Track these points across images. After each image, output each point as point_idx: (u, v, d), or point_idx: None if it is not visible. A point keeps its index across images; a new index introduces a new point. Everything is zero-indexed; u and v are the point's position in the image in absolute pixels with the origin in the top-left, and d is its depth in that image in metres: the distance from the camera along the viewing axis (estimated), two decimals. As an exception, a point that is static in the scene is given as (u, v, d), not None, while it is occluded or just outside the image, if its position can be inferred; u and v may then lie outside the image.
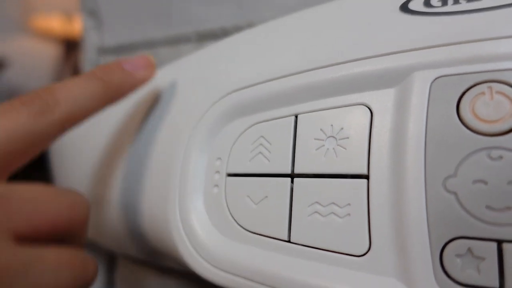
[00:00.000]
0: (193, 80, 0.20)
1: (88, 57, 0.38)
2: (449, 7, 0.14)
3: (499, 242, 0.12)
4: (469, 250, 0.12)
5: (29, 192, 0.15)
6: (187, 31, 0.29)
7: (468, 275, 0.12)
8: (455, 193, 0.13)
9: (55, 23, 1.58)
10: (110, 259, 0.41)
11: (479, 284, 0.12)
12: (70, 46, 1.67)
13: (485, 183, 0.12)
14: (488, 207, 0.12)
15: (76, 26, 1.60)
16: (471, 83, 0.13)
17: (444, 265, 0.12)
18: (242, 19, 0.27)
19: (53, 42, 1.72)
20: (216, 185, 0.18)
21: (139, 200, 0.22)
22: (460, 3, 0.14)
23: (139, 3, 0.33)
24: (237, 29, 0.27)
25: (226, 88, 0.19)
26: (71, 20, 1.57)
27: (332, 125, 0.16)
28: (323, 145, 0.16)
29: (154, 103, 0.23)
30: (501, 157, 0.12)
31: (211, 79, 0.20)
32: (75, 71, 1.67)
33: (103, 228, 0.27)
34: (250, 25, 0.26)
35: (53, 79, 1.67)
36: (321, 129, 0.16)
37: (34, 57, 1.72)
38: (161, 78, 0.23)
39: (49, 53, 1.74)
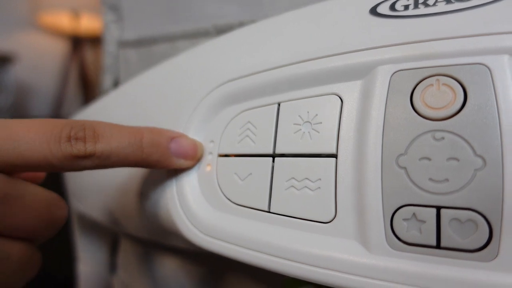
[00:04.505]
0: (191, 72, 0.23)
1: (108, 50, 0.39)
2: (410, 11, 0.17)
3: (438, 208, 0.14)
4: (414, 215, 0.14)
5: (28, 198, 0.18)
6: (205, 25, 0.31)
7: (412, 236, 0.14)
8: (405, 168, 0.15)
9: (63, 20, 1.61)
10: (113, 244, 0.43)
11: (420, 242, 0.14)
12: (77, 43, 1.71)
13: (429, 159, 0.15)
14: (430, 179, 0.14)
15: (84, 23, 1.63)
16: (423, 76, 0.15)
17: (394, 228, 0.15)
18: (259, 12, 0.28)
19: (61, 38, 1.75)
20: (209, 164, 0.21)
21: (142, 180, 0.24)
22: (419, 7, 0.17)
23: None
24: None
25: (220, 79, 0.21)
26: (78, 17, 1.60)
27: (308, 112, 0.18)
28: (300, 129, 0.18)
29: (155, 91, 0.25)
30: (443, 138, 0.14)
31: (207, 71, 0.22)
32: (81, 67, 1.70)
33: (110, 210, 0.30)
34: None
35: (59, 74, 1.70)
36: (299, 115, 0.18)
37: (41, 52, 1.75)
38: (162, 70, 0.25)
39: (56, 49, 1.77)
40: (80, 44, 1.71)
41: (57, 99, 1.68)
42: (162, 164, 0.20)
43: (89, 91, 1.70)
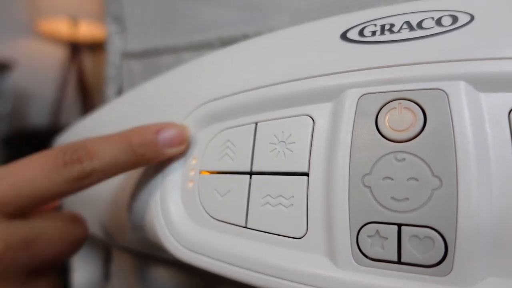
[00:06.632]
0: (173, 93, 0.24)
1: (111, 61, 0.40)
2: (377, 37, 0.18)
3: (399, 226, 0.15)
4: (377, 232, 0.15)
5: (46, 232, 0.19)
6: (209, 37, 0.31)
7: (375, 251, 0.15)
8: (370, 187, 0.16)
9: (61, 27, 1.63)
10: (107, 253, 0.44)
11: (383, 258, 0.15)
12: (75, 49, 1.72)
13: (392, 179, 0.15)
14: (392, 198, 0.15)
15: (82, 29, 1.64)
16: (387, 100, 0.16)
17: (359, 244, 0.16)
18: (263, 25, 0.28)
19: (59, 45, 1.77)
20: (191, 181, 0.22)
21: (130, 195, 0.25)
22: (385, 34, 0.18)
23: (162, 10, 0.35)
24: (258, 35, 0.28)
25: (202, 98, 0.22)
26: (77, 23, 1.62)
27: (283, 132, 0.19)
28: (276, 148, 0.19)
29: (138, 110, 0.26)
30: (404, 159, 0.15)
31: (188, 91, 0.23)
32: (80, 73, 1.71)
33: (102, 224, 0.31)
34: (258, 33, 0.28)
35: (58, 81, 1.72)
36: (274, 135, 0.19)
37: (40, 59, 1.76)
38: (145, 90, 0.26)
39: (55, 55, 1.79)
40: (79, 50, 1.72)
41: (56, 106, 1.70)
42: (157, 158, 0.21)
43: (87, 98, 1.71)
